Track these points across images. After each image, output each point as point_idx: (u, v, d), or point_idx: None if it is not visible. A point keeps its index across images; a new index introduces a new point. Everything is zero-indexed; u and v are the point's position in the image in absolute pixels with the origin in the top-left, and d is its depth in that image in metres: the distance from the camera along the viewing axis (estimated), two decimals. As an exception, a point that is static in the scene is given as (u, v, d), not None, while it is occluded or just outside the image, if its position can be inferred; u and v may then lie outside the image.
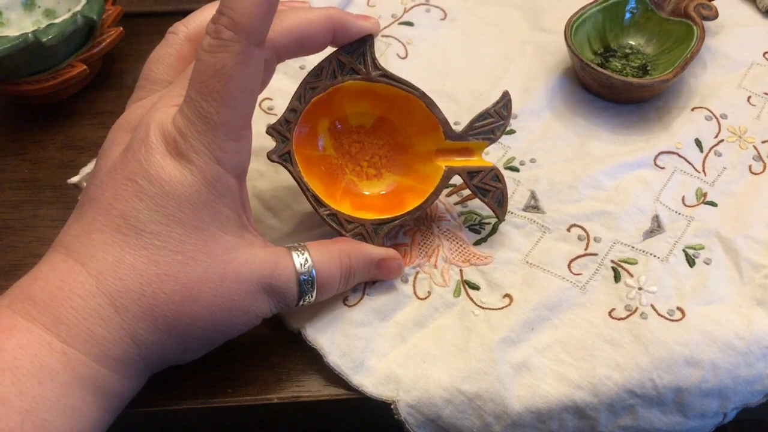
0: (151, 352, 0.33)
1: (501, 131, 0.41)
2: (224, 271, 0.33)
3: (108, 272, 0.32)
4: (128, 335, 0.32)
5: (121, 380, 0.33)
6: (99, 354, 0.31)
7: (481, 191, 0.40)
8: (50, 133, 0.50)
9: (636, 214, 0.43)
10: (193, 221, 0.33)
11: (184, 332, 0.33)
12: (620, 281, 0.41)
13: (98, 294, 0.32)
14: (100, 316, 0.31)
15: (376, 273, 0.40)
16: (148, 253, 0.32)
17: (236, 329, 0.35)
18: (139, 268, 0.32)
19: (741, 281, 0.40)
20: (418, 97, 0.40)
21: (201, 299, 0.33)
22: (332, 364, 0.38)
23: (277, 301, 0.36)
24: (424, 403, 0.37)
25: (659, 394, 0.37)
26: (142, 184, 0.32)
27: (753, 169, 0.45)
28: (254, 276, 0.34)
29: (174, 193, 0.32)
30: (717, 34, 0.52)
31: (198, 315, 0.33)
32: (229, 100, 0.32)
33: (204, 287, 0.33)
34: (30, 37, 0.46)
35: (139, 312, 0.32)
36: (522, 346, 0.38)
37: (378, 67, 0.39)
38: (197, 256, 0.33)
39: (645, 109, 0.48)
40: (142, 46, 0.55)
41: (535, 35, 0.53)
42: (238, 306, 0.34)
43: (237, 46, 0.31)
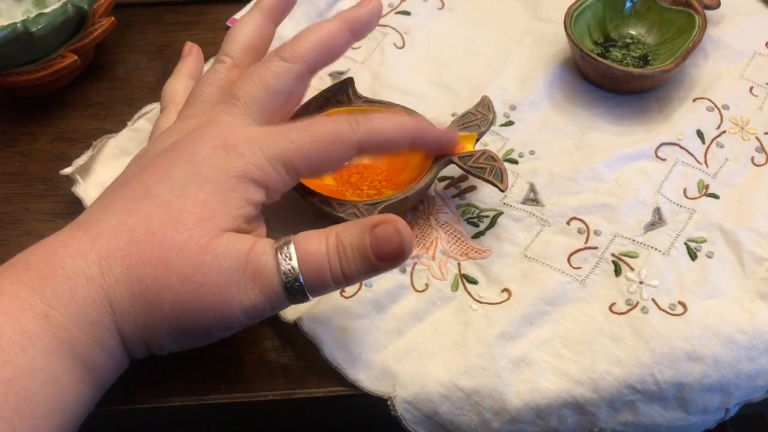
0: (125, 323, 0.32)
1: (486, 126, 0.42)
2: (206, 242, 0.32)
3: (105, 233, 0.32)
4: (106, 298, 0.31)
5: (100, 352, 0.32)
6: (77, 317, 0.31)
7: (477, 169, 0.40)
8: (41, 125, 0.49)
9: (637, 206, 0.42)
10: (203, 198, 0.33)
11: (154, 302, 0.32)
12: (621, 275, 0.40)
13: (90, 253, 0.32)
14: (85, 275, 0.31)
15: (373, 243, 0.33)
16: (148, 216, 0.32)
17: (210, 316, 0.32)
18: (134, 228, 0.32)
19: (743, 274, 0.40)
20: (399, 110, 0.43)
21: (173, 266, 0.32)
22: (329, 356, 0.37)
23: (254, 283, 0.32)
24: (421, 399, 0.36)
25: (660, 390, 0.36)
26: (180, 164, 0.34)
27: (755, 161, 0.45)
28: (230, 252, 0.32)
29: (202, 172, 0.33)
30: (719, 24, 0.51)
31: (167, 283, 0.32)
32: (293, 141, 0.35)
33: (180, 254, 0.32)
34: (19, 26, 0.45)
35: (119, 272, 0.32)
36: (521, 341, 0.38)
37: (359, 96, 0.44)
38: (189, 224, 0.32)
39: (646, 100, 0.48)
40: (134, 36, 0.54)
41: (534, 25, 0.52)
42: (209, 282, 0.32)
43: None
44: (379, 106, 0.43)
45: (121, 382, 0.35)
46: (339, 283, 0.34)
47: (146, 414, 0.38)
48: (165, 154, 0.35)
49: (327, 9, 0.53)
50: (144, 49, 0.53)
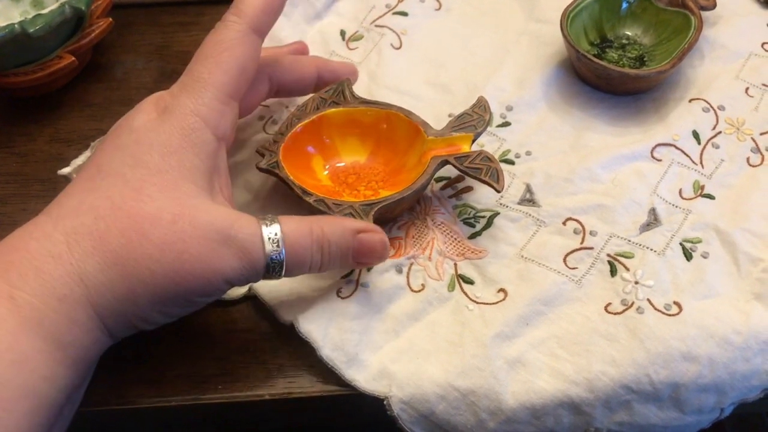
0: (100, 296, 0.32)
1: (483, 126, 0.42)
2: (180, 212, 0.33)
3: (67, 214, 0.33)
4: (76, 272, 0.31)
5: (71, 327, 0.31)
6: (44, 293, 0.31)
7: (473, 170, 0.40)
8: (38, 126, 0.49)
9: (632, 207, 0.42)
10: (158, 164, 0.33)
11: (132, 272, 0.32)
12: (616, 275, 0.40)
13: (53, 233, 0.32)
14: (51, 253, 0.31)
15: (357, 251, 0.37)
16: (109, 192, 0.33)
17: (193, 283, 0.32)
18: (96, 205, 0.33)
19: (739, 275, 0.40)
20: (396, 111, 0.43)
21: (150, 235, 0.32)
22: (325, 357, 0.37)
23: (239, 258, 0.33)
24: (418, 399, 0.36)
25: (655, 390, 0.36)
26: (122, 136, 0.35)
27: (751, 162, 0.45)
28: (213, 223, 0.33)
29: (146, 139, 0.34)
30: (715, 25, 0.51)
31: (146, 252, 0.32)
32: (222, 65, 0.36)
33: (155, 224, 0.32)
34: (17, 27, 0.45)
35: (88, 246, 0.32)
36: (517, 342, 0.38)
37: (356, 97, 0.43)
38: (154, 194, 0.33)
39: (642, 101, 0.48)
40: (131, 37, 0.54)
41: (530, 26, 0.52)
42: (191, 251, 0.32)
43: (237, 25, 0.37)
44: (375, 107, 0.43)
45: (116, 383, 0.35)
46: (313, 270, 0.36)
47: (143, 414, 0.38)
48: (111, 132, 0.36)
49: (324, 9, 0.53)
50: (142, 50, 0.53)
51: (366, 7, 0.54)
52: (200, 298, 0.34)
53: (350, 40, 0.52)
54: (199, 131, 0.35)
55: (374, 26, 0.53)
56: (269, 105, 0.48)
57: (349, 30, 0.53)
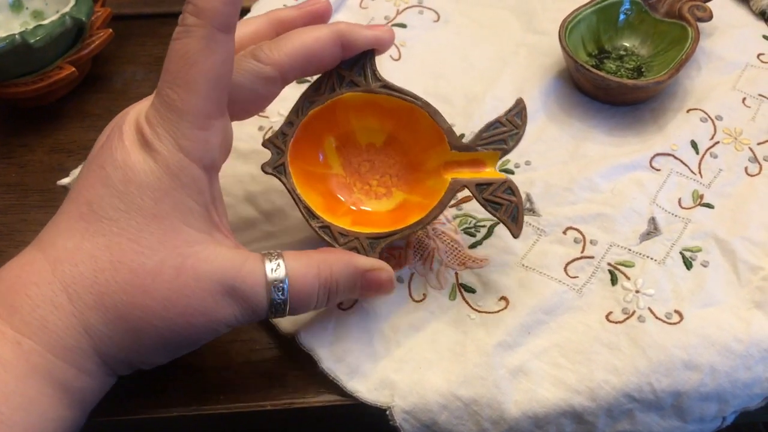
0: (105, 346, 0.32)
1: (515, 141, 0.38)
2: (181, 264, 0.32)
3: (65, 259, 0.31)
4: (80, 324, 0.31)
5: (78, 375, 0.31)
6: (52, 343, 0.31)
7: (492, 205, 0.37)
8: (38, 136, 0.49)
9: (632, 216, 0.43)
10: (152, 209, 0.32)
11: (136, 327, 0.31)
12: (617, 284, 0.40)
13: (53, 280, 0.31)
14: (53, 303, 0.31)
15: (364, 286, 0.36)
16: (106, 240, 0.31)
17: (196, 333, 0.33)
18: (95, 255, 0.31)
19: (738, 283, 0.40)
20: (421, 107, 0.38)
21: (153, 291, 0.31)
22: (327, 369, 0.37)
23: (242, 306, 0.33)
24: (420, 409, 0.36)
25: (657, 399, 0.36)
26: (108, 170, 0.32)
27: (749, 171, 0.45)
28: (215, 274, 0.32)
29: (136, 180, 0.32)
30: (711, 36, 0.52)
31: (150, 309, 0.31)
32: (192, 86, 0.31)
33: (157, 279, 0.31)
34: (17, 38, 0.45)
35: (90, 300, 0.31)
36: (519, 351, 0.38)
37: (379, 78, 0.38)
38: (154, 246, 0.31)
39: (640, 111, 0.48)
40: (131, 47, 0.54)
41: (528, 37, 0.53)
42: (194, 305, 0.32)
43: (200, 30, 0.31)
44: (399, 97, 0.38)
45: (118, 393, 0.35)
46: (317, 308, 0.36)
47: (144, 425, 0.38)
48: (95, 158, 0.33)
49: None
50: (141, 60, 0.53)
51: (365, 19, 0.54)
52: (204, 341, 0.34)
53: (349, 51, 0.52)
54: (186, 168, 0.32)
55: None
56: (268, 115, 0.48)
57: (349, 41, 0.53)
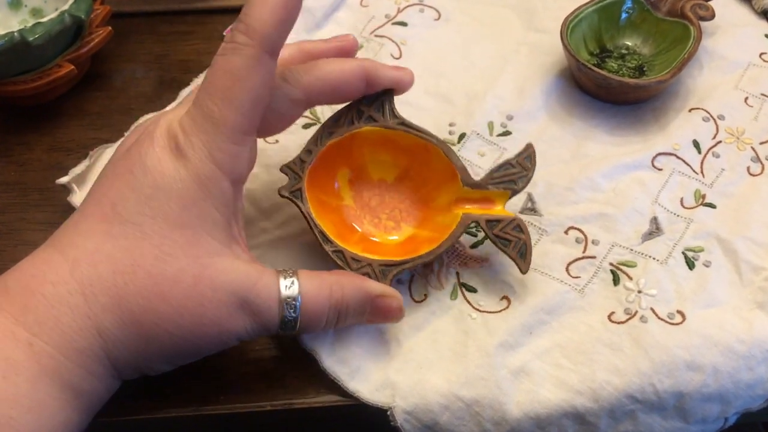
0: (116, 349, 0.32)
1: (524, 182, 0.39)
2: (200, 274, 0.32)
3: (84, 259, 0.31)
4: (94, 326, 0.31)
5: (88, 377, 0.31)
6: (64, 345, 0.30)
7: (502, 241, 0.38)
8: (37, 135, 0.49)
9: (634, 216, 0.42)
10: (178, 217, 0.32)
11: (149, 332, 0.32)
12: (619, 284, 0.40)
13: (70, 280, 0.31)
14: (68, 303, 0.31)
15: (373, 312, 0.37)
16: (127, 243, 0.32)
17: (206, 343, 0.33)
18: (115, 257, 0.31)
19: (741, 284, 0.40)
20: (435, 145, 0.39)
21: (170, 298, 0.31)
22: (328, 369, 0.37)
23: (254, 320, 0.33)
24: (421, 410, 0.36)
25: (660, 399, 0.36)
26: (137, 174, 0.32)
27: (751, 171, 0.45)
28: (231, 286, 0.33)
29: (164, 187, 0.32)
30: (713, 35, 0.51)
31: (165, 315, 0.31)
32: (234, 101, 0.32)
33: (175, 286, 0.32)
34: (16, 36, 0.45)
35: (107, 302, 0.31)
36: (520, 351, 0.38)
37: (396, 116, 0.39)
38: (175, 253, 0.32)
39: (642, 110, 0.48)
40: (130, 45, 0.54)
41: (530, 36, 0.53)
42: (209, 315, 0.32)
43: (249, 50, 0.32)
44: (415, 134, 0.39)
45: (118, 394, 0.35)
46: (325, 329, 0.36)
47: (144, 425, 0.38)
48: (122, 161, 0.33)
49: (323, 19, 0.53)
50: (141, 58, 0.53)
51: (365, 17, 0.54)
52: (212, 352, 0.34)
53: (350, 50, 0.52)
54: (216, 180, 0.32)
55: (374, 36, 0.53)
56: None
57: (349, 40, 0.53)
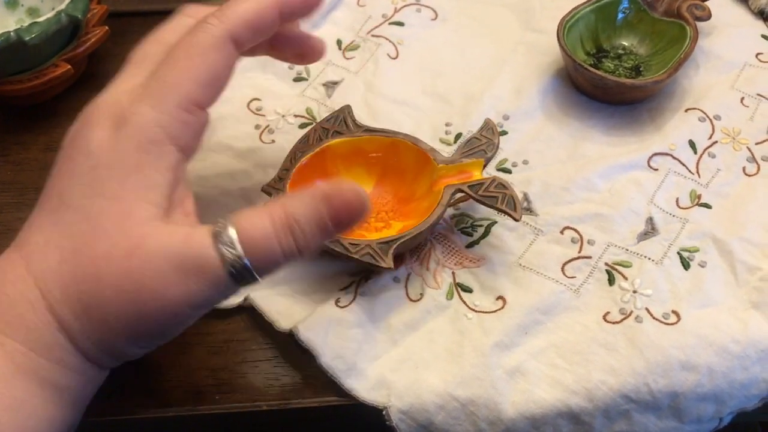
0: (80, 339, 0.31)
1: (493, 150, 0.41)
2: (131, 244, 0.30)
3: (36, 253, 0.31)
4: (54, 320, 0.30)
5: (65, 372, 0.31)
6: (33, 341, 0.30)
7: (489, 199, 0.39)
8: (33, 134, 0.49)
9: (630, 216, 0.43)
10: (115, 191, 0.31)
11: (99, 317, 0.30)
12: (614, 284, 0.40)
13: (27, 277, 0.31)
14: (29, 300, 0.30)
15: (332, 216, 0.31)
16: (71, 230, 0.31)
17: (158, 318, 0.31)
18: (61, 246, 0.31)
19: (736, 284, 0.40)
20: (401, 138, 0.42)
21: (105, 277, 0.30)
22: (325, 365, 0.37)
23: (198, 280, 0.30)
24: (417, 409, 0.36)
25: (655, 399, 0.36)
26: (77, 159, 0.32)
27: (747, 171, 0.45)
28: (163, 251, 0.30)
29: (103, 163, 0.31)
30: (710, 35, 0.51)
31: (106, 296, 0.30)
32: (191, 70, 0.32)
33: (108, 264, 0.30)
34: (12, 36, 0.45)
35: (58, 294, 0.30)
36: (516, 351, 0.38)
37: (359, 125, 0.42)
38: (109, 229, 0.30)
39: (638, 111, 0.48)
40: (128, 45, 0.53)
41: (527, 35, 0.53)
42: (147, 286, 0.30)
43: (215, 29, 0.33)
44: (380, 135, 0.42)
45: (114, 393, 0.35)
46: (292, 258, 0.31)
47: (140, 424, 0.38)
48: (65, 149, 0.33)
49: (320, 19, 0.53)
50: (137, 58, 0.53)
51: (362, 17, 0.54)
52: (175, 329, 0.32)
53: (347, 50, 0.52)
54: (159, 143, 0.31)
55: (371, 36, 0.53)
56: (265, 114, 0.48)
57: (346, 39, 0.53)
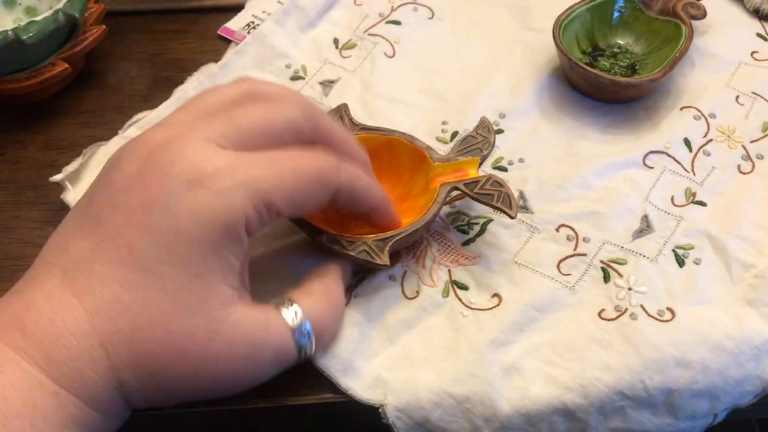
0: (135, 398, 0.32)
1: (489, 149, 0.41)
2: (215, 328, 0.31)
3: (102, 310, 0.30)
4: (116, 379, 0.31)
5: (110, 422, 0.32)
6: (88, 395, 0.30)
7: (485, 197, 0.39)
8: (31, 133, 0.49)
9: (625, 214, 0.43)
10: (197, 266, 0.31)
11: (167, 387, 0.32)
12: (609, 282, 0.40)
13: (91, 333, 0.30)
14: (91, 357, 0.30)
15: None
16: (145, 295, 0.30)
17: (221, 392, 0.34)
18: (134, 310, 0.30)
19: (731, 281, 0.40)
20: (397, 137, 0.42)
21: (185, 355, 0.31)
22: (321, 365, 0.37)
23: (273, 365, 0.34)
24: (413, 407, 0.36)
25: (649, 396, 0.36)
26: (156, 215, 0.30)
27: (742, 169, 0.45)
28: (244, 336, 0.32)
29: (185, 230, 0.30)
30: (705, 34, 0.52)
31: (181, 372, 0.31)
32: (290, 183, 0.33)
33: (191, 342, 0.31)
34: (10, 35, 0.45)
35: (126, 357, 0.30)
36: (511, 348, 0.38)
37: (356, 124, 0.42)
38: (192, 306, 0.31)
39: (634, 109, 0.48)
40: (125, 44, 0.54)
41: (523, 34, 0.53)
42: (226, 369, 0.32)
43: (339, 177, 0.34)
44: (376, 133, 0.42)
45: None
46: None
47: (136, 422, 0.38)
48: (134, 190, 0.31)
49: (317, 18, 0.54)
50: (135, 57, 0.53)
51: (359, 16, 0.54)
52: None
53: (343, 49, 0.52)
54: (240, 227, 0.31)
55: (367, 35, 0.53)
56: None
57: (343, 38, 0.53)
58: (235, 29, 0.54)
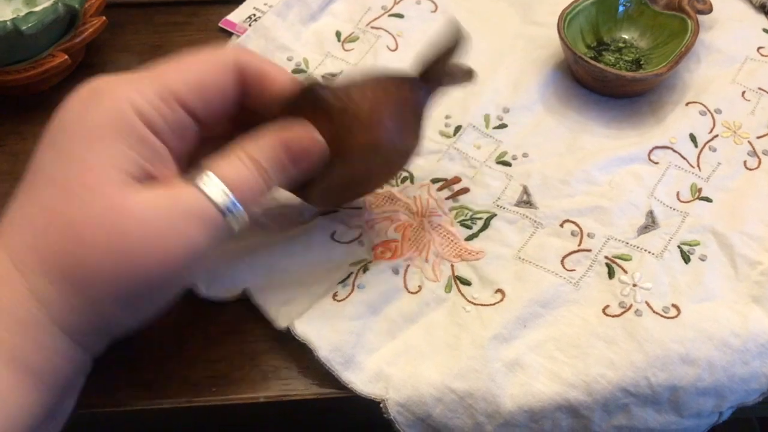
0: (61, 314, 0.30)
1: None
2: (114, 205, 0.30)
3: (10, 228, 0.31)
4: (31, 294, 0.29)
5: (40, 352, 0.30)
6: (5, 318, 0.29)
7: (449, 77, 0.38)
8: (30, 125, 0.49)
9: (630, 209, 0.42)
10: (83, 155, 0.30)
11: (84, 284, 0.30)
12: (614, 277, 0.40)
13: (2, 256, 0.30)
14: (3, 278, 0.29)
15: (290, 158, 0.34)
16: (43, 200, 0.30)
17: (154, 274, 0.30)
18: (32, 215, 0.30)
19: (736, 278, 0.40)
20: None
21: (88, 241, 0.29)
22: (322, 359, 0.37)
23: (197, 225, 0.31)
24: (414, 402, 0.36)
25: (654, 393, 0.36)
26: (53, 133, 0.32)
27: (748, 165, 0.45)
28: (151, 205, 0.30)
29: (71, 129, 0.31)
30: (711, 29, 0.51)
31: (92, 261, 0.29)
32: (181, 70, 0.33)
33: (89, 227, 0.29)
34: (9, 25, 0.44)
35: (35, 266, 0.29)
36: (514, 344, 0.38)
37: None
38: (83, 194, 0.30)
39: (638, 104, 0.48)
40: (125, 36, 0.54)
41: (526, 29, 0.52)
42: (141, 243, 0.30)
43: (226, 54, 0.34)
44: None
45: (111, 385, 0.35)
46: (264, 196, 0.34)
47: (136, 417, 0.38)
48: (47, 126, 0.33)
49: (319, 11, 0.53)
50: (135, 49, 0.53)
51: (361, 9, 0.54)
52: (171, 285, 0.33)
53: (346, 42, 0.52)
54: (130, 120, 0.31)
55: (370, 28, 0.52)
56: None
57: (345, 31, 0.52)
58: (237, 21, 0.53)
